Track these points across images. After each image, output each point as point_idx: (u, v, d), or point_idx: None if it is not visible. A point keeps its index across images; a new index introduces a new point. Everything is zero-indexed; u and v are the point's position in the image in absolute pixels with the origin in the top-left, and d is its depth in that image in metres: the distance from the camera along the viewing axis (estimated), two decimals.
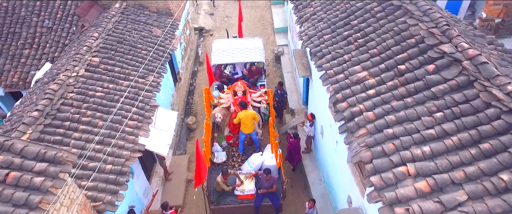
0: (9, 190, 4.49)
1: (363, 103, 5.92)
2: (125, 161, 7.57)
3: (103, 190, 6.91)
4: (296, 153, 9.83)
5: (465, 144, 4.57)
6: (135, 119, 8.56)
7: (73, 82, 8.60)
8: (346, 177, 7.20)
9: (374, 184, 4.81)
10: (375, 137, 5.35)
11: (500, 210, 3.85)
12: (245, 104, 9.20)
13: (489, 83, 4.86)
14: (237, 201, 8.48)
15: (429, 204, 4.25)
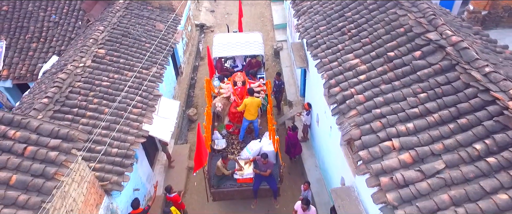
0: (28, 162, 4.90)
1: (354, 88, 6.33)
2: (130, 145, 7.98)
3: (110, 171, 7.32)
4: (293, 145, 10.17)
5: (445, 120, 4.99)
6: (139, 107, 8.99)
7: (80, 72, 9.02)
8: (340, 160, 7.61)
9: (362, 157, 5.23)
10: (364, 117, 5.77)
11: (473, 175, 4.27)
12: (252, 91, 9.53)
13: (469, 66, 5.28)
14: (237, 185, 8.89)
15: (411, 173, 4.67)
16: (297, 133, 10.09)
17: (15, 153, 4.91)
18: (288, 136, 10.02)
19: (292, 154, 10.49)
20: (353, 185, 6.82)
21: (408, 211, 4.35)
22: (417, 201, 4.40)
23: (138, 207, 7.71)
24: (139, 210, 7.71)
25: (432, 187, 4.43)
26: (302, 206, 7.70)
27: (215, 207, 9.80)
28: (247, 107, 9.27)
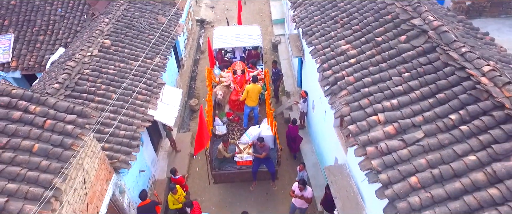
0: (47, 133, 5.41)
1: (345, 70, 6.84)
2: (136, 128, 8.50)
3: (118, 151, 7.83)
4: (293, 139, 10.48)
5: (425, 96, 5.50)
6: (144, 93, 9.50)
7: (88, 60, 9.52)
8: (333, 142, 8.14)
9: (351, 131, 5.75)
10: (353, 96, 6.29)
11: (447, 142, 4.78)
12: (256, 78, 10.01)
13: (448, 48, 5.79)
14: (237, 167, 9.40)
15: (394, 142, 5.19)
16: (298, 127, 10.38)
17: (36, 125, 5.41)
18: (289, 129, 10.33)
19: (293, 149, 10.80)
20: (345, 163, 7.35)
21: (389, 174, 4.86)
22: (398, 166, 4.91)
23: (146, 198, 7.99)
24: (147, 201, 7.97)
25: (412, 153, 4.94)
26: (299, 186, 8.18)
27: (216, 190, 10.32)
28: (249, 93, 9.77)
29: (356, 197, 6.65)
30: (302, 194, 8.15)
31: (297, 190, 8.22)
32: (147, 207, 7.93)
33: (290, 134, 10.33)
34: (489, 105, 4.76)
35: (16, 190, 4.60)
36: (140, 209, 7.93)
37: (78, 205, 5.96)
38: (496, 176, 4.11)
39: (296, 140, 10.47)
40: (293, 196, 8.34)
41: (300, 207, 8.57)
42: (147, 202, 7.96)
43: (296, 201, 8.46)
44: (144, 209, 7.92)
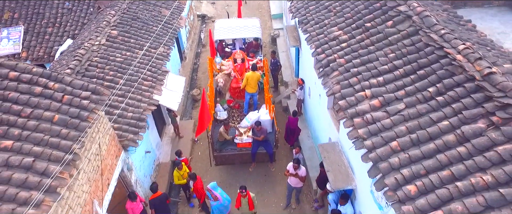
0: (66, 106, 5.98)
1: (337, 53, 7.41)
2: (143, 110, 9.07)
3: (126, 131, 8.39)
4: (292, 131, 10.78)
5: (408, 73, 6.07)
6: (149, 80, 10.07)
7: (96, 49, 10.08)
8: (327, 123, 8.71)
9: (341, 105, 6.32)
10: (344, 75, 6.85)
11: (425, 111, 5.36)
12: (255, 66, 10.57)
13: (429, 30, 6.36)
14: (237, 149, 9.97)
15: (378, 114, 5.76)
16: (298, 119, 10.60)
17: (55, 99, 5.98)
18: (289, 120, 10.50)
19: (291, 141, 11.09)
20: (337, 141, 7.92)
21: (373, 141, 5.44)
22: (381, 133, 5.48)
23: (156, 191, 8.18)
24: (158, 193, 8.16)
25: (394, 122, 5.51)
26: (293, 165, 8.68)
27: (217, 172, 10.88)
28: (248, 80, 10.34)
29: (347, 170, 7.23)
30: (296, 172, 8.65)
31: (292, 169, 8.70)
32: (159, 199, 8.11)
33: (290, 125, 10.54)
34: (463, 79, 5.33)
35: (41, 153, 5.18)
36: (153, 201, 8.10)
37: (92, 175, 6.53)
38: (464, 136, 4.68)
39: (295, 132, 10.75)
40: (287, 175, 8.84)
41: (295, 186, 9.05)
42: (159, 194, 8.16)
43: (291, 181, 8.94)
44: (156, 201, 8.10)
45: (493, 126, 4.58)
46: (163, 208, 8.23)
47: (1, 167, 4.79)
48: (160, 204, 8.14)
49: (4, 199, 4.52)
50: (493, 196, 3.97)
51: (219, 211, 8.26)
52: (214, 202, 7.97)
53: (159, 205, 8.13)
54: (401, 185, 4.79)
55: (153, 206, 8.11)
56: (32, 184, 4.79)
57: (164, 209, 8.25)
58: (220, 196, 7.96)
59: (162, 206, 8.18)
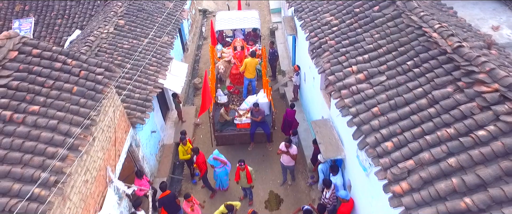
0: (82, 80, 6.67)
1: (328, 36, 8.09)
2: (149, 92, 9.75)
3: (134, 109, 9.08)
4: (290, 123, 11.15)
5: (390, 50, 6.75)
6: (155, 65, 10.76)
7: (105, 36, 10.78)
8: (320, 103, 9.40)
9: (330, 80, 7.01)
10: (334, 55, 7.54)
11: (403, 81, 6.04)
12: (254, 53, 11.26)
13: (410, 13, 7.05)
14: (236, 130, 10.66)
15: (363, 85, 6.45)
16: (295, 111, 10.99)
17: (73, 74, 6.66)
18: (286, 112, 10.78)
19: (287, 132, 11.30)
20: (329, 117, 8.61)
21: (357, 108, 6.13)
22: (365, 101, 6.17)
23: (165, 190, 8.31)
24: (167, 192, 8.27)
25: (376, 91, 6.20)
26: (285, 144, 9.32)
27: None
28: (247, 66, 11.04)
29: (337, 142, 7.92)
30: (287, 150, 9.25)
31: (284, 147, 9.32)
32: (168, 197, 8.17)
33: (287, 117, 10.92)
34: (437, 53, 6.01)
35: (63, 117, 5.86)
36: (161, 200, 8.17)
37: (105, 144, 7.22)
38: (434, 99, 5.36)
39: (292, 124, 11.06)
40: (280, 153, 9.45)
41: (287, 164, 9.62)
42: (168, 193, 8.24)
43: (283, 159, 9.54)
44: (165, 200, 8.17)
45: (458, 89, 5.26)
46: (173, 207, 8.34)
47: (31, 127, 5.48)
48: (169, 203, 8.22)
49: (35, 152, 5.20)
50: (454, 144, 4.66)
51: (225, 174, 9.00)
52: (219, 169, 8.67)
53: (168, 203, 8.22)
54: (380, 143, 5.48)
55: (162, 204, 8.18)
56: (57, 142, 5.48)
57: (173, 207, 8.37)
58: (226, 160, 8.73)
59: (171, 204, 8.28)
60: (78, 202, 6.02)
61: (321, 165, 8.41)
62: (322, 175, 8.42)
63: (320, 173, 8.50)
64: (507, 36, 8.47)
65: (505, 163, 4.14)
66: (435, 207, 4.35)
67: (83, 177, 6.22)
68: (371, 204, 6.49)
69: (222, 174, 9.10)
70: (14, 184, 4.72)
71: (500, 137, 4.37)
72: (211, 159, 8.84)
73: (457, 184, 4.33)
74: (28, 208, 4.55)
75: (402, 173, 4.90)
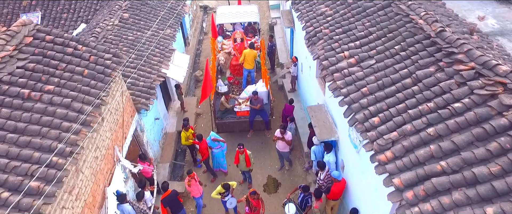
0: (92, 64, 7.14)
1: (323, 25, 8.57)
2: (152, 81, 10.23)
3: (139, 96, 9.56)
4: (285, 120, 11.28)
5: (379, 36, 7.22)
6: (158, 56, 11.24)
7: (110, 28, 11.26)
8: (315, 90, 9.88)
9: (324, 65, 7.49)
10: (328, 42, 8.02)
11: (390, 63, 6.52)
12: (253, 45, 11.74)
13: (400, 2, 7.52)
14: (236, 117, 11.14)
15: (353, 69, 6.93)
16: (293, 107, 11.37)
17: (84, 58, 7.13)
18: (285, 108, 11.11)
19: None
20: (324, 103, 9.09)
21: (348, 88, 6.60)
22: (355, 83, 6.65)
23: (167, 190, 8.24)
24: (168, 191, 8.18)
25: (365, 74, 6.68)
26: (280, 131, 9.77)
27: None
28: (245, 57, 11.52)
29: (331, 125, 8.40)
30: (283, 136, 9.66)
31: (279, 134, 9.74)
32: (170, 196, 8.13)
33: (285, 112, 11.24)
34: (421, 37, 6.48)
35: (76, 96, 6.34)
36: (164, 200, 8.07)
37: (113, 125, 7.70)
38: (417, 78, 5.84)
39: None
40: (275, 140, 9.89)
41: (283, 150, 10.04)
42: (169, 192, 8.16)
43: (279, 145, 9.95)
44: (168, 200, 8.10)
45: (440, 69, 5.73)
46: (176, 205, 8.36)
47: (47, 104, 5.95)
48: (172, 201, 8.22)
49: (52, 126, 5.68)
50: (433, 116, 5.14)
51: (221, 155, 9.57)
52: (216, 150, 9.16)
53: (171, 202, 8.21)
54: (368, 118, 5.96)
55: (167, 204, 8.11)
56: (71, 118, 5.96)
57: (177, 205, 8.39)
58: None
59: (174, 203, 8.29)
60: (89, 176, 6.50)
61: (314, 147, 8.89)
62: (314, 157, 8.90)
63: (312, 155, 8.98)
64: (491, 25, 8.96)
65: (476, 129, 4.62)
66: (414, 171, 4.83)
67: (94, 154, 6.70)
68: (361, 179, 6.98)
69: (219, 154, 9.66)
70: (35, 152, 5.19)
71: (473, 108, 4.84)
72: (209, 141, 9.36)
73: (434, 150, 4.81)
74: (47, 173, 5.02)
75: (386, 143, 5.38)
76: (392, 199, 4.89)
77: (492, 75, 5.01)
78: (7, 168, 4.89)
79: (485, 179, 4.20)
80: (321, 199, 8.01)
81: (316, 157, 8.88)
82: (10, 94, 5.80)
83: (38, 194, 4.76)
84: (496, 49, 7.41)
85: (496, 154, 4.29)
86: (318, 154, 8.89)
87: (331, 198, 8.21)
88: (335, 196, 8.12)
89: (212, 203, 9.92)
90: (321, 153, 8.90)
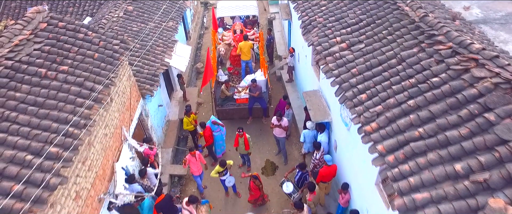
0: (102, 49, 7.68)
1: (317, 14, 9.11)
2: (156, 69, 10.77)
3: (144, 83, 10.10)
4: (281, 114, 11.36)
5: (369, 23, 7.76)
6: (161, 46, 11.78)
7: (116, 20, 11.80)
8: (311, 78, 10.42)
9: (318, 50, 8.02)
10: (321, 29, 8.55)
11: (378, 46, 7.06)
12: (247, 37, 12.31)
13: None
14: (236, 104, 11.68)
15: (344, 52, 7.47)
16: (286, 103, 11.54)
17: (94, 43, 7.67)
18: (279, 102, 11.47)
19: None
20: (319, 88, 9.63)
21: (339, 70, 7.14)
22: (346, 65, 7.19)
23: (160, 194, 8.23)
24: (162, 196, 8.10)
25: (355, 56, 7.22)
26: (276, 118, 10.26)
27: None
28: (241, 48, 12.08)
29: (324, 108, 8.94)
30: (279, 123, 10.13)
31: (276, 121, 10.22)
32: (164, 201, 7.98)
33: (278, 107, 11.54)
34: (407, 22, 7.02)
35: (88, 76, 6.88)
36: (158, 205, 7.95)
37: (120, 107, 8.24)
38: (402, 58, 6.38)
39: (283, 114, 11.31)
40: (273, 127, 10.39)
41: (279, 136, 10.50)
42: (162, 197, 8.06)
43: (276, 131, 10.40)
44: (162, 205, 7.97)
45: (421, 49, 6.27)
46: (171, 210, 8.20)
47: (62, 82, 6.49)
48: (167, 206, 8.08)
49: (67, 101, 6.21)
50: (413, 90, 5.69)
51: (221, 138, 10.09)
52: (216, 133, 9.71)
53: (167, 208, 8.07)
54: (356, 95, 6.51)
55: (160, 209, 7.99)
56: (84, 95, 6.50)
57: (172, 210, 8.21)
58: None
59: (169, 208, 8.13)
60: (100, 151, 7.04)
61: (306, 131, 9.42)
62: (303, 139, 9.46)
63: (301, 137, 9.54)
64: (475, 14, 9.51)
65: (450, 99, 5.15)
66: (396, 138, 5.38)
67: (103, 131, 7.24)
68: (352, 154, 7.52)
69: (219, 138, 10.21)
70: (53, 123, 5.73)
71: (449, 81, 5.38)
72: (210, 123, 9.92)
73: (413, 119, 5.36)
74: (64, 141, 5.56)
75: (372, 116, 5.93)
76: (376, 163, 5.43)
77: (467, 53, 5.54)
78: (30, 135, 5.43)
79: (455, 141, 4.74)
80: (315, 192, 8.23)
81: (305, 140, 9.43)
82: (29, 73, 6.33)
83: (57, 158, 5.29)
84: (477, 34, 7.94)
85: (466, 119, 4.83)
86: (307, 138, 9.42)
87: (320, 180, 8.64)
88: (324, 178, 8.47)
89: (212, 184, 10.47)
90: (310, 137, 9.42)
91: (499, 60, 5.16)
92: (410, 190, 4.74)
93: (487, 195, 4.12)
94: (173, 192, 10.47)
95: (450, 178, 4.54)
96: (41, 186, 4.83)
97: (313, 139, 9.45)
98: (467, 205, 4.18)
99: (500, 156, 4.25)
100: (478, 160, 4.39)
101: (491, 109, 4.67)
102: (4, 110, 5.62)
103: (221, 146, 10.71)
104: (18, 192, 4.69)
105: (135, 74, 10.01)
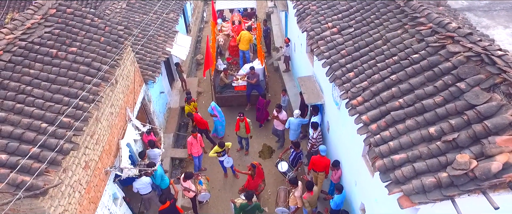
0: (107, 33, 8.18)
1: (311, 3, 9.60)
2: (158, 57, 11.27)
3: (146, 69, 10.60)
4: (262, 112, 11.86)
5: (358, 9, 8.25)
6: (163, 36, 12.27)
7: (119, 11, 12.30)
8: (306, 65, 10.91)
9: (310, 34, 8.52)
10: (314, 16, 9.05)
11: (366, 30, 7.54)
12: (250, 28, 12.80)
13: None
14: (234, 92, 12.18)
15: (335, 36, 7.96)
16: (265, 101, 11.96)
17: (100, 28, 8.17)
18: (259, 101, 11.63)
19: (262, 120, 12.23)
20: (313, 74, 10.13)
21: (330, 52, 7.64)
22: (336, 47, 7.69)
23: (165, 202, 7.88)
24: (167, 204, 7.87)
25: (345, 39, 7.71)
26: (276, 109, 10.74)
27: None
28: (241, 37, 12.56)
29: (318, 92, 9.44)
30: (277, 115, 10.58)
31: (275, 112, 10.77)
32: (168, 209, 7.90)
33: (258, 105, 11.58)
34: (393, 7, 7.52)
35: (95, 57, 7.39)
36: (162, 212, 7.88)
37: (125, 89, 8.74)
38: (387, 39, 6.88)
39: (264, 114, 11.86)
40: (274, 117, 10.75)
41: (277, 128, 10.99)
42: (167, 205, 7.87)
43: (275, 123, 10.87)
44: (166, 212, 7.92)
45: (405, 31, 6.77)
46: None
47: (72, 62, 6.99)
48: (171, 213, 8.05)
49: (76, 79, 6.72)
50: (396, 66, 6.18)
51: (221, 125, 10.57)
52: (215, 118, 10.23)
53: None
54: (345, 74, 7.00)
55: None
56: (92, 73, 7.00)
57: None
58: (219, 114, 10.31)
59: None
60: (106, 127, 7.54)
61: (291, 118, 9.95)
62: (288, 125, 10.11)
63: (287, 123, 10.08)
64: (461, 3, 10.00)
65: (428, 73, 5.65)
66: (378, 109, 5.87)
67: (109, 109, 7.74)
68: (342, 132, 8.02)
69: (218, 123, 10.76)
70: (64, 97, 6.23)
71: (427, 57, 5.88)
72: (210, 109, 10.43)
73: (394, 91, 5.86)
74: (75, 113, 6.06)
75: (358, 90, 6.43)
76: (361, 132, 5.93)
77: (444, 31, 6.04)
78: (44, 106, 5.93)
79: (430, 108, 5.24)
80: (312, 192, 8.08)
81: (290, 127, 10.03)
82: (41, 53, 6.83)
83: (69, 127, 5.80)
84: (460, 20, 8.43)
85: (441, 89, 5.32)
86: (292, 126, 10.00)
87: (311, 168, 8.88)
88: (315, 167, 8.69)
89: (211, 166, 10.98)
90: (295, 125, 9.97)
91: (472, 37, 5.65)
92: (390, 152, 5.24)
93: (456, 153, 4.62)
94: (174, 174, 10.99)
95: (425, 140, 5.04)
96: (56, 150, 5.33)
97: (298, 127, 10.00)
98: (438, 162, 4.68)
99: (468, 119, 4.75)
100: (449, 123, 4.88)
101: (463, 78, 5.16)
102: (20, 84, 6.12)
103: (220, 130, 11.19)
104: (35, 153, 5.19)
105: (138, 61, 10.50)
